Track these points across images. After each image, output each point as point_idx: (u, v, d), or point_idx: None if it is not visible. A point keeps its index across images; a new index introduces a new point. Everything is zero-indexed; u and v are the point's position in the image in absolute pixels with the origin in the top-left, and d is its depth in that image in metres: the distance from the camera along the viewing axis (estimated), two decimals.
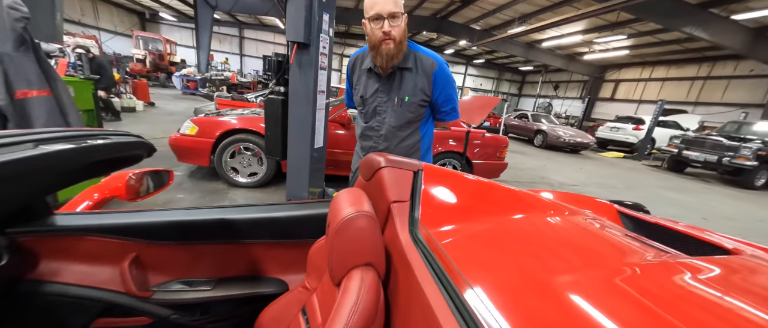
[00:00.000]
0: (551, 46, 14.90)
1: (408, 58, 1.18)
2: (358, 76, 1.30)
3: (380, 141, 1.31)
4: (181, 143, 2.86)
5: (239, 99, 5.52)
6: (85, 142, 0.48)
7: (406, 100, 1.22)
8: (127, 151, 0.57)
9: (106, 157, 0.54)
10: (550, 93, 21.36)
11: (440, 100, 1.26)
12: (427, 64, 1.20)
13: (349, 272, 0.55)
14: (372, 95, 1.26)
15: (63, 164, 0.45)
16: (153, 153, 0.68)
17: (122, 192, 0.97)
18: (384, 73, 1.20)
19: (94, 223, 0.79)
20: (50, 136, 0.42)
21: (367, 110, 1.30)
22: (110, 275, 0.81)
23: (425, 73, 1.20)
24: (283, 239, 0.93)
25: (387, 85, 1.22)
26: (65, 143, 0.44)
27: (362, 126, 1.34)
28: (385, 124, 1.27)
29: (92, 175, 0.67)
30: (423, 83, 1.21)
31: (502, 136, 3.72)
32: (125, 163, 0.64)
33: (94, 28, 15.55)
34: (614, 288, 0.45)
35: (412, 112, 1.25)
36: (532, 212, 0.77)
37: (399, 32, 1.09)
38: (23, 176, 0.40)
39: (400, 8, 1.06)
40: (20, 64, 1.49)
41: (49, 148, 0.40)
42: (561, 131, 9.18)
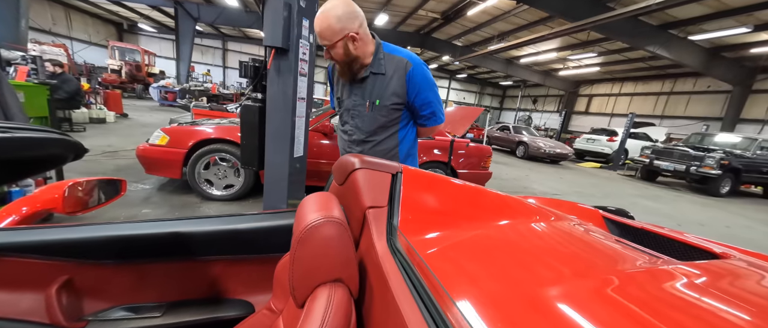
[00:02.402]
0: (529, 63, 15.68)
1: (379, 62, 1.16)
2: (335, 79, 1.31)
3: (353, 145, 1.29)
4: (149, 154, 2.67)
5: (218, 109, 5.32)
6: None
7: (377, 103, 1.19)
8: (42, 149, 0.47)
9: (13, 155, 0.43)
10: (530, 106, 22.27)
11: (417, 103, 1.18)
12: (401, 66, 1.14)
13: (315, 290, 0.47)
14: (347, 98, 1.26)
15: None
16: (82, 154, 0.58)
17: (58, 204, 0.83)
18: (357, 79, 1.19)
19: (15, 240, 0.66)
20: None
21: (342, 113, 1.30)
22: (32, 304, 0.68)
23: (399, 75, 1.15)
24: (248, 253, 0.83)
25: (360, 88, 1.21)
26: None
27: (339, 130, 1.36)
28: (356, 128, 1.26)
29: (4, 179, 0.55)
30: (396, 86, 1.15)
31: (486, 146, 3.75)
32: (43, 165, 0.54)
33: (66, 37, 14.91)
34: (609, 298, 0.41)
35: (384, 116, 1.20)
36: (517, 218, 0.72)
37: (338, 56, 1.11)
38: None
39: (331, 37, 1.05)
40: None
41: None
42: (541, 143, 9.48)
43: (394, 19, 12.81)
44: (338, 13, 1.04)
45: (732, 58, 10.30)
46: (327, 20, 1.04)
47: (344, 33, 1.05)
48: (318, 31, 1.06)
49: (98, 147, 4.24)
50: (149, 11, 15.14)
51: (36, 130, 0.46)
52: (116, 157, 3.91)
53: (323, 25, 1.05)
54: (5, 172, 0.50)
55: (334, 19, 1.04)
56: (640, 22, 8.68)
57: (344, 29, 1.05)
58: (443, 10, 11.25)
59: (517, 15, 10.36)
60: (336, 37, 1.05)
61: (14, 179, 0.54)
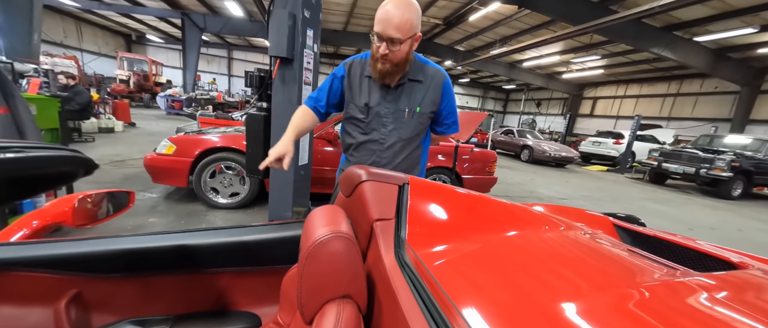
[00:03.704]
0: (532, 66, 15.66)
1: (417, 70, 1.16)
2: (357, 83, 1.18)
3: (384, 154, 1.20)
4: (156, 163, 2.70)
5: (223, 117, 5.39)
6: None
7: (417, 110, 1.17)
8: (53, 166, 0.48)
9: (22, 173, 0.44)
10: (533, 110, 22.18)
11: (445, 111, 1.24)
12: (439, 76, 1.18)
13: (323, 307, 0.46)
14: (377, 105, 1.16)
15: None
16: (92, 170, 0.58)
17: (68, 217, 0.84)
18: (393, 84, 1.14)
19: (24, 255, 0.67)
20: None
21: (370, 121, 1.18)
22: (42, 318, 0.68)
23: (436, 85, 1.18)
24: (255, 265, 0.83)
25: (395, 95, 1.16)
26: None
27: (360, 139, 1.21)
28: (391, 136, 1.18)
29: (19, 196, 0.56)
30: (434, 95, 1.18)
31: (491, 151, 3.73)
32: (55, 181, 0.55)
33: (76, 49, 15.30)
34: (630, 313, 0.39)
35: (421, 123, 1.20)
36: (526, 228, 0.70)
37: (398, 56, 1.03)
38: None
39: (405, 33, 0.98)
40: None
41: None
42: (546, 146, 9.41)
43: None
44: (418, 9, 0.98)
45: (739, 58, 10.17)
46: (410, 11, 0.97)
47: (415, 31, 1.01)
48: (398, 21, 0.96)
49: (106, 156, 4.30)
50: (157, 22, 15.51)
51: (49, 149, 0.47)
52: (124, 167, 3.97)
53: (405, 16, 0.96)
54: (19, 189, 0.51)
55: (415, 14, 0.98)
56: (644, 24, 8.64)
57: (416, 27, 1.01)
58: (445, 16, 11.33)
59: (518, 19, 10.39)
60: (409, 33, 0.99)
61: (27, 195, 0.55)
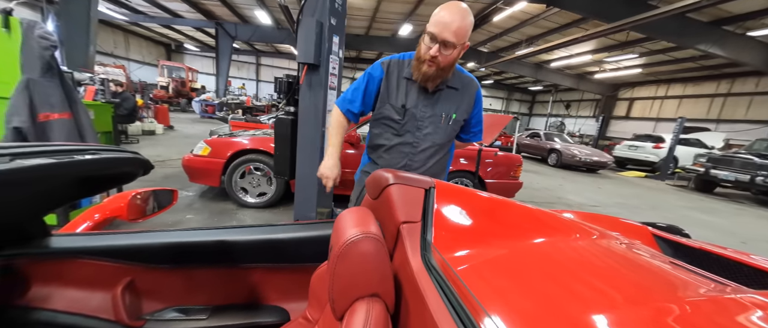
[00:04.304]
0: (560, 66, 14.96)
1: (455, 78, 1.18)
2: (395, 83, 1.17)
3: (416, 158, 1.21)
4: (193, 164, 2.90)
5: (252, 121, 5.67)
6: (71, 157, 0.45)
7: (453, 117, 1.19)
8: (118, 167, 0.54)
9: (95, 173, 0.51)
10: (562, 112, 21.15)
11: (474, 120, 1.27)
12: (473, 86, 1.22)
13: (353, 304, 0.48)
14: (415, 107, 1.16)
15: (42, 179, 0.42)
16: (149, 170, 0.65)
17: (123, 212, 0.94)
18: (431, 89, 1.14)
19: (90, 245, 0.76)
20: (30, 150, 0.40)
21: (405, 123, 1.18)
22: (102, 302, 0.76)
23: (470, 94, 1.21)
24: (284, 262, 0.87)
25: (432, 99, 1.17)
26: (46, 158, 0.41)
27: (394, 141, 1.20)
28: (426, 140, 1.19)
29: (85, 193, 0.64)
30: (468, 103, 1.21)
31: (516, 155, 3.61)
32: (119, 180, 0.62)
33: (124, 58, 16.78)
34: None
35: (454, 130, 1.23)
36: (555, 235, 0.68)
37: (446, 61, 1.04)
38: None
39: (459, 39, 1.00)
40: (45, 89, 1.56)
41: (26, 162, 0.38)
42: (576, 150, 8.94)
43: (418, 29, 12.91)
44: (473, 21, 1.02)
45: None
46: (468, 20, 0.99)
47: (466, 40, 1.03)
48: (457, 26, 0.97)
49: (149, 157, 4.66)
50: (194, 32, 16.64)
51: (116, 151, 0.53)
52: (164, 167, 4.29)
53: (464, 22, 0.98)
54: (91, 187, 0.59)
55: (470, 24, 1.01)
56: (689, 19, 7.98)
57: (468, 37, 1.04)
58: None
59: (546, 18, 10.00)
60: (462, 40, 1.01)
61: (96, 192, 0.63)
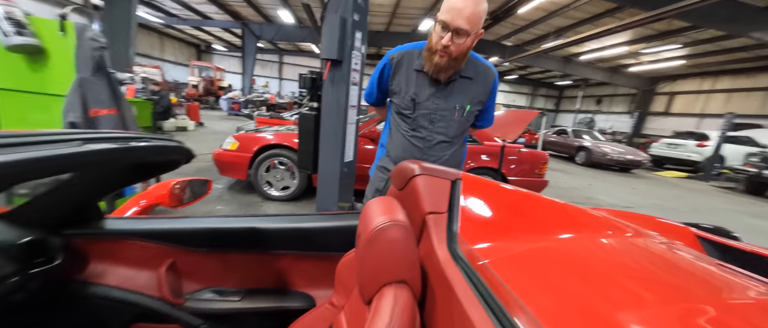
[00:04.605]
0: (591, 59, 14.12)
1: (470, 68, 1.12)
2: (405, 76, 1.15)
3: (429, 152, 1.17)
4: (223, 158, 3.06)
5: (276, 117, 5.87)
6: (129, 143, 0.50)
7: (467, 109, 1.14)
8: (167, 154, 0.59)
9: (149, 160, 0.56)
10: (592, 108, 20.01)
11: (488, 108, 1.24)
12: (489, 74, 1.15)
13: (381, 289, 0.50)
14: (426, 100, 1.13)
15: (107, 162, 0.47)
16: (191, 159, 0.70)
17: (166, 199, 1.02)
18: (444, 80, 1.10)
19: (138, 227, 0.83)
20: (97, 136, 0.45)
21: (417, 116, 1.15)
22: (148, 280, 0.83)
23: (486, 82, 1.15)
24: (311, 250, 0.90)
25: (445, 91, 1.12)
26: (110, 143, 0.46)
27: (405, 134, 1.19)
28: (439, 134, 1.16)
29: (135, 179, 0.70)
30: (483, 93, 1.16)
31: (541, 152, 3.48)
32: (166, 167, 0.67)
33: (159, 59, 17.89)
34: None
35: (468, 121, 1.19)
36: (585, 231, 0.66)
37: (459, 50, 0.99)
38: (71, 170, 0.42)
39: (473, 26, 0.95)
40: (95, 87, 1.71)
41: (94, 146, 0.42)
42: (607, 148, 8.44)
43: None
44: (486, 6, 0.97)
45: None
46: (481, 5, 0.95)
47: (480, 27, 0.98)
48: (470, 12, 0.93)
49: None
50: (222, 33, 17.41)
51: (163, 139, 0.58)
52: (197, 161, 4.52)
53: (477, 8, 0.94)
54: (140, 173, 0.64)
55: (484, 10, 0.96)
56: (741, 4, 7.22)
57: (482, 23, 0.98)
58: (492, 11, 10.77)
59: (577, 8, 9.45)
60: (476, 27, 0.97)
61: (146, 178, 0.69)
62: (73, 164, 0.41)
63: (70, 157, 0.39)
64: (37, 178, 0.39)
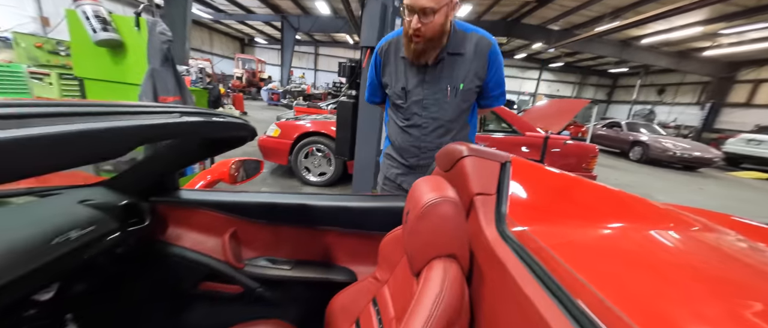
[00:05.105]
0: (655, 43, 12.47)
1: (458, 41, 1.03)
2: (393, 66, 1.11)
3: (427, 138, 1.13)
4: (267, 144, 3.27)
5: (313, 106, 6.11)
6: (211, 118, 0.58)
7: (461, 87, 1.06)
8: (238, 131, 0.67)
9: (224, 134, 0.63)
10: (652, 98, 17.82)
11: (492, 83, 1.10)
12: (483, 44, 1.04)
13: (430, 262, 0.52)
14: (416, 87, 1.08)
15: (197, 132, 0.54)
16: (255, 137, 0.78)
17: (226, 176, 1.14)
18: (430, 61, 1.04)
19: (208, 199, 0.94)
20: (189, 110, 0.52)
21: (409, 104, 1.11)
22: (215, 245, 0.94)
23: (480, 54, 1.04)
24: (354, 228, 0.95)
25: (434, 74, 1.06)
26: (199, 117, 0.53)
27: (402, 124, 1.16)
28: (434, 120, 1.10)
29: (208, 154, 0.79)
30: (478, 66, 1.05)
31: (590, 145, 3.21)
32: (234, 144, 0.75)
33: (209, 53, 19.38)
34: None
35: (465, 101, 1.10)
36: (642, 221, 0.61)
37: (432, 29, 0.93)
38: (174, 137, 0.50)
39: (437, 1, 0.89)
40: (163, 76, 1.92)
41: (189, 118, 0.50)
42: (669, 143, 7.51)
43: (477, 9, 12.06)
44: None
45: None
46: None
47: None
48: None
49: None
50: (263, 26, 18.30)
51: (233, 117, 0.65)
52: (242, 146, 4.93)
53: None
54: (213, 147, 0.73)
55: None
56: None
57: None
58: None
59: None
60: (443, 0, 0.89)
61: (215, 153, 0.78)
62: (176, 131, 0.49)
63: (175, 125, 0.47)
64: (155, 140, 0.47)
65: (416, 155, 1.16)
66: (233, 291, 0.95)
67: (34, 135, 0.30)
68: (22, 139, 0.30)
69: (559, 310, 0.34)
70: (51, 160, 0.32)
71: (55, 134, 0.32)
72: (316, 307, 0.88)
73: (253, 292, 0.94)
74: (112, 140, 0.37)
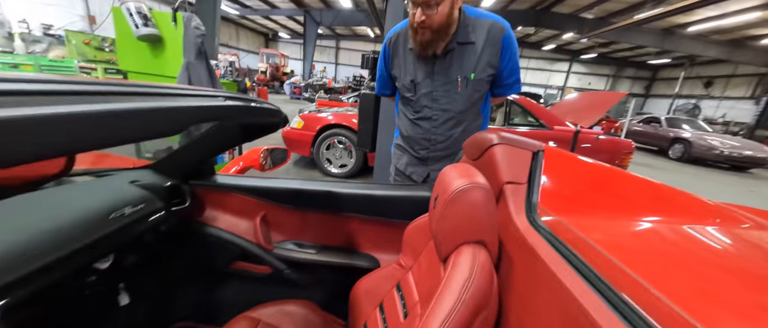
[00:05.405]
0: (704, 31, 11.36)
1: (467, 30, 0.99)
2: (402, 58, 1.10)
3: (438, 131, 1.11)
4: (291, 136, 3.37)
5: (335, 99, 6.20)
6: (250, 103, 0.61)
7: (472, 77, 1.02)
8: (273, 116, 0.70)
9: (260, 119, 0.67)
10: (697, 91, 16.34)
11: (507, 70, 1.05)
12: (495, 31, 0.99)
13: (459, 247, 0.52)
14: (425, 79, 1.06)
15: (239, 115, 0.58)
16: (286, 123, 0.81)
17: (256, 163, 1.19)
18: (439, 53, 1.01)
19: (241, 183, 0.99)
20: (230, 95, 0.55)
21: (419, 97, 1.09)
22: (247, 227, 1.00)
23: (493, 41, 0.99)
24: (378, 216, 0.97)
25: (444, 64, 1.03)
26: (239, 101, 0.57)
27: (412, 116, 1.14)
28: (444, 112, 1.08)
29: (242, 140, 0.84)
30: (490, 54, 1.01)
31: (626, 140, 3.02)
32: (267, 129, 0.79)
33: (235, 48, 20.10)
34: None
35: (477, 91, 1.06)
36: (685, 216, 0.58)
37: (438, 20, 0.90)
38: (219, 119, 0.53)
39: None
40: (197, 69, 2.02)
41: (232, 102, 0.53)
42: (716, 141, 6.88)
43: None
44: None
45: None
46: None
47: None
48: None
49: None
50: (286, 21, 18.65)
51: (269, 104, 0.69)
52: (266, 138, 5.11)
53: None
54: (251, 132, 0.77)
55: None
56: None
57: None
58: None
59: None
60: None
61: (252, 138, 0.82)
62: (224, 113, 0.53)
63: (224, 108, 0.51)
64: (205, 120, 0.51)
65: (426, 148, 1.15)
66: (263, 271, 1.01)
67: (130, 109, 0.35)
68: (121, 112, 0.35)
69: (600, 301, 0.33)
70: (128, 132, 0.36)
71: (140, 109, 0.36)
72: (340, 290, 0.91)
73: (282, 273, 0.99)
74: (175, 117, 0.41)
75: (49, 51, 6.20)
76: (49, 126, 0.29)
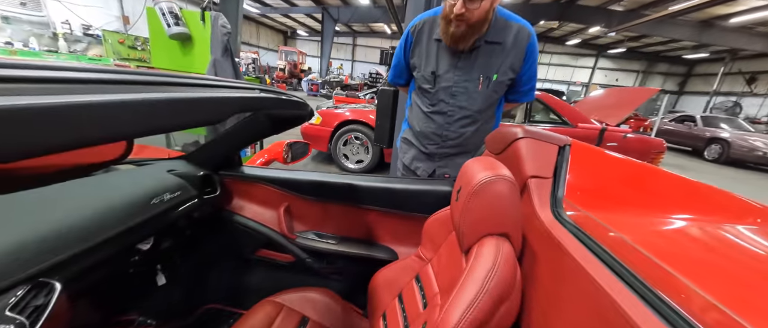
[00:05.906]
0: (747, 22, 10.47)
1: (498, 30, 0.98)
2: (425, 47, 1.06)
3: (451, 128, 1.09)
4: (309, 131, 3.45)
5: (352, 96, 6.27)
6: (281, 96, 0.64)
7: (494, 78, 1.01)
8: (301, 109, 0.73)
9: (289, 111, 0.70)
10: (738, 88, 15.14)
11: (526, 76, 1.05)
12: (523, 36, 0.98)
13: (482, 239, 0.52)
14: (447, 72, 1.03)
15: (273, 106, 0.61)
16: (313, 116, 0.84)
17: (279, 156, 1.24)
18: (466, 47, 0.98)
19: (266, 175, 1.04)
20: (263, 88, 0.58)
21: (438, 90, 1.06)
22: (271, 217, 1.04)
23: (519, 46, 0.98)
24: (397, 209, 0.99)
25: (468, 61, 1.01)
26: (271, 94, 0.60)
27: (426, 109, 1.11)
28: (461, 108, 1.06)
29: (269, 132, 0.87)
30: (514, 58, 1.00)
31: (657, 139, 2.86)
32: (294, 122, 0.82)
33: (256, 46, 20.64)
34: None
35: (496, 92, 1.05)
36: (720, 214, 0.55)
37: (477, 15, 0.88)
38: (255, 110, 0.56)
39: None
40: (224, 66, 2.11)
41: (265, 94, 0.56)
42: (759, 141, 6.38)
43: None
44: None
45: None
46: None
47: None
48: None
49: None
50: (305, 19, 18.92)
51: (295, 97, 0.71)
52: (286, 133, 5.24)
53: None
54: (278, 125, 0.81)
55: None
56: None
57: None
58: None
59: None
60: None
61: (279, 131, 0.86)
62: (260, 104, 0.56)
63: (259, 99, 0.54)
64: (244, 111, 0.54)
65: (436, 143, 1.13)
66: (285, 259, 1.05)
67: (183, 98, 0.39)
68: (177, 100, 0.39)
69: (634, 297, 0.33)
70: (177, 119, 0.40)
71: (191, 99, 0.40)
72: (359, 281, 0.93)
73: (304, 262, 1.02)
74: (220, 107, 0.44)
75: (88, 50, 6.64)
76: (121, 110, 0.32)
